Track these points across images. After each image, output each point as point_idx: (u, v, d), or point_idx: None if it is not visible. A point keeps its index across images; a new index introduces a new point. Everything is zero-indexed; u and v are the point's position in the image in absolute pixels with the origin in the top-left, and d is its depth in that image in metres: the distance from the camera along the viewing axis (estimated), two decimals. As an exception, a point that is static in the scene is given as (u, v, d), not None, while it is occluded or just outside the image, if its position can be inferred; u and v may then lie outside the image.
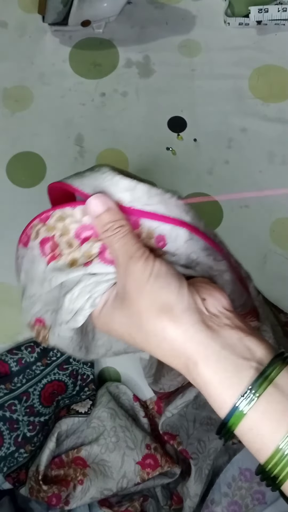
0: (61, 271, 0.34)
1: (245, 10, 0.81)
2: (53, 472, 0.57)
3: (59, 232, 0.34)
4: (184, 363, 0.30)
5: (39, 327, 0.38)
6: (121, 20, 0.82)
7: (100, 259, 0.33)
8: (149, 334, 0.31)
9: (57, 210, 0.35)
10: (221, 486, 0.55)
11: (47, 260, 0.34)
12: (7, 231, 0.71)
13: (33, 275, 0.36)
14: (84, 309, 0.33)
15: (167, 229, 0.34)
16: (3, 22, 0.82)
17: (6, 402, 0.59)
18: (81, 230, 0.34)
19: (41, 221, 0.36)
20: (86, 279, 0.33)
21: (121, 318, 0.32)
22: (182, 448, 0.58)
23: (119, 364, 0.67)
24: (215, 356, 0.30)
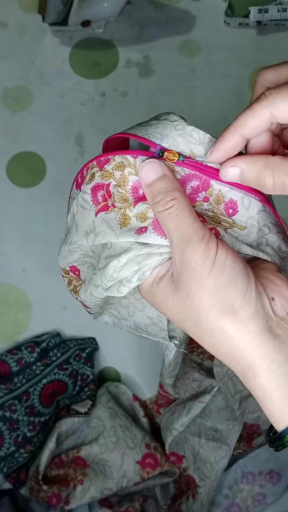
0: (111, 229, 0.30)
1: (245, 10, 0.81)
2: (53, 472, 0.57)
3: (115, 182, 0.30)
4: (242, 369, 0.28)
5: (73, 277, 0.35)
6: (121, 20, 0.82)
7: (154, 228, 0.29)
8: (206, 332, 0.28)
9: (118, 155, 0.30)
10: (221, 488, 0.55)
11: (97, 210, 0.31)
12: (6, 231, 0.71)
13: (79, 222, 0.32)
14: (130, 281, 0.30)
15: (239, 195, 0.30)
16: (3, 22, 0.82)
17: (6, 402, 0.59)
18: (139, 186, 0.30)
19: (98, 164, 0.31)
20: (137, 248, 0.29)
21: (175, 306, 0.28)
22: (189, 475, 0.57)
23: (119, 364, 0.67)
24: (280, 370, 0.27)
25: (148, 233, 0.29)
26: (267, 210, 0.31)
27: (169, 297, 0.28)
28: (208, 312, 0.27)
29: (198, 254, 0.27)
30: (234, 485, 0.56)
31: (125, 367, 0.66)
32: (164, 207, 0.28)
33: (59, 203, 0.73)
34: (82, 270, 0.35)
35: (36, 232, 0.71)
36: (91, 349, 0.65)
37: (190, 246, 0.27)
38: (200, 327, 0.28)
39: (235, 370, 0.28)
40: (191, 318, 0.28)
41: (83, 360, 0.64)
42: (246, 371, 0.28)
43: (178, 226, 0.27)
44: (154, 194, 0.28)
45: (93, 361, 0.65)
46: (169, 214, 0.28)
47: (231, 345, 0.27)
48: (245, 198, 0.30)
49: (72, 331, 0.67)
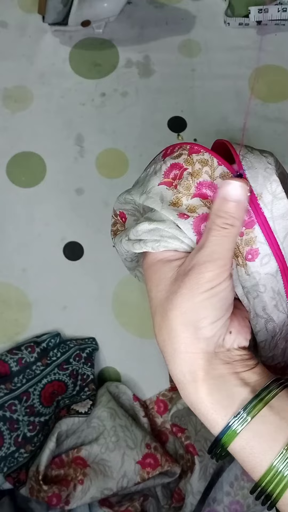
0: (162, 201, 0.33)
1: (245, 10, 0.81)
2: (53, 472, 0.57)
3: (191, 170, 0.34)
4: (182, 373, 0.31)
5: (119, 220, 0.39)
6: (121, 20, 0.82)
7: (193, 223, 0.32)
8: (167, 325, 0.31)
9: (208, 153, 0.34)
10: (223, 485, 0.55)
11: (162, 181, 0.34)
12: (7, 231, 0.71)
13: (145, 182, 0.36)
14: (146, 244, 0.33)
15: (266, 251, 0.33)
16: (3, 22, 0.82)
17: (6, 402, 0.59)
18: (205, 186, 0.33)
19: (190, 150, 0.35)
20: (169, 225, 0.33)
21: (163, 291, 0.32)
22: (190, 443, 0.58)
23: (119, 364, 0.67)
24: (213, 381, 0.31)
25: (187, 222, 0.32)
26: (277, 277, 0.34)
27: (165, 281, 0.32)
28: (179, 316, 0.31)
29: (209, 274, 0.30)
30: (235, 482, 0.56)
31: (125, 367, 0.66)
32: (220, 225, 0.31)
33: (59, 203, 0.73)
34: (129, 220, 0.39)
35: (36, 232, 0.71)
36: (91, 349, 0.65)
37: (211, 265, 0.30)
38: (166, 319, 0.31)
39: (172, 374, 0.32)
40: (164, 309, 0.31)
41: (83, 360, 0.64)
42: (181, 377, 0.31)
43: (216, 244, 0.31)
44: (223, 209, 0.31)
45: (93, 361, 0.65)
46: (218, 231, 0.31)
47: (178, 348, 0.31)
48: (267, 256, 0.33)
49: (72, 331, 0.67)
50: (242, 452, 0.30)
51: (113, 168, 0.75)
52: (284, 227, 0.33)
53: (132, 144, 0.76)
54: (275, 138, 0.77)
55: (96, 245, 0.71)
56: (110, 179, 0.74)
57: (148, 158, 0.82)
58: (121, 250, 0.37)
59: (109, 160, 0.75)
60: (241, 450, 0.30)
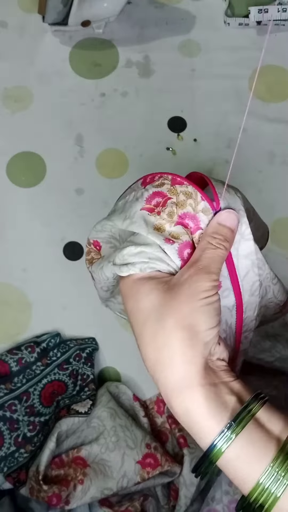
0: (146, 225, 0.35)
1: (245, 10, 0.81)
2: (53, 472, 0.57)
3: (175, 200, 0.36)
4: (179, 377, 0.31)
5: (93, 249, 0.41)
6: (121, 20, 0.82)
7: (178, 249, 0.34)
8: (165, 331, 0.31)
9: (192, 187, 0.36)
10: (222, 484, 0.55)
11: (143, 206, 0.36)
12: (7, 231, 0.71)
13: (125, 208, 0.37)
14: (134, 266, 0.34)
15: (227, 285, 0.36)
16: (3, 22, 0.82)
17: (6, 402, 0.59)
18: (188, 218, 0.35)
19: (172, 180, 0.37)
20: (156, 248, 0.34)
21: (156, 299, 0.32)
22: (181, 434, 0.59)
23: (119, 364, 0.67)
24: (209, 386, 0.31)
25: (173, 247, 0.34)
26: (233, 312, 0.37)
27: (157, 291, 0.33)
28: (181, 319, 0.31)
29: (207, 285, 0.32)
30: None
31: (125, 367, 0.66)
32: (216, 244, 0.34)
33: (59, 203, 0.73)
34: (104, 247, 0.40)
35: (36, 232, 0.71)
36: (91, 349, 0.65)
37: (208, 276, 0.32)
38: (163, 325, 0.31)
39: (165, 382, 0.31)
40: (161, 315, 0.32)
41: (83, 360, 0.64)
42: (178, 383, 0.31)
43: (211, 258, 0.33)
44: (218, 232, 0.34)
45: (93, 361, 0.65)
46: (213, 249, 0.34)
47: (177, 352, 0.31)
48: (227, 291, 0.36)
49: (72, 331, 0.67)
50: (230, 468, 0.30)
51: (113, 168, 0.75)
52: (246, 266, 0.36)
53: (132, 144, 0.76)
54: (275, 138, 0.77)
55: (96, 245, 0.70)
56: (110, 179, 0.74)
57: (148, 158, 0.83)
58: (99, 278, 0.38)
59: (109, 160, 0.75)
60: (229, 462, 0.30)
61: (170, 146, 0.76)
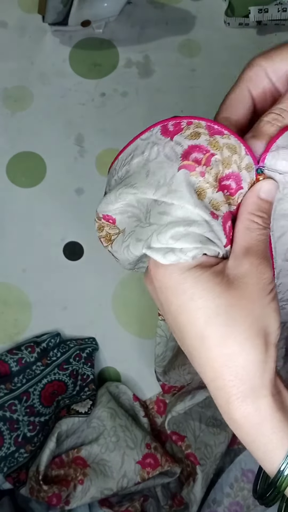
0: (191, 193, 0.27)
1: (245, 10, 0.81)
2: (54, 472, 0.57)
3: (220, 157, 0.28)
4: (251, 386, 0.28)
5: (105, 223, 0.33)
6: (121, 20, 0.82)
7: (223, 224, 0.29)
8: (239, 334, 0.28)
9: (235, 138, 0.29)
10: (223, 486, 0.55)
11: (181, 164, 0.28)
12: (7, 231, 0.71)
13: (154, 170, 0.29)
14: (186, 254, 0.28)
15: None
16: (3, 22, 0.82)
17: (6, 402, 0.59)
18: (233, 178, 0.29)
19: (208, 128, 0.29)
20: (207, 227, 0.28)
21: (219, 298, 0.28)
22: (190, 452, 0.58)
23: (119, 364, 0.67)
24: (278, 396, 0.28)
25: (219, 223, 0.28)
26: None
27: (218, 287, 0.28)
28: (255, 322, 0.28)
29: (269, 275, 0.28)
30: (235, 483, 0.56)
31: (125, 367, 0.66)
32: (264, 223, 0.29)
33: (59, 203, 0.73)
34: (120, 219, 0.32)
35: (36, 232, 0.71)
36: (91, 349, 0.65)
37: (267, 264, 0.29)
38: (235, 329, 0.28)
39: (231, 388, 0.28)
40: (230, 317, 0.28)
41: (83, 360, 0.64)
42: (249, 392, 0.28)
43: (263, 243, 0.29)
44: (262, 209, 0.29)
45: (93, 361, 0.65)
46: (262, 230, 0.29)
47: (254, 358, 0.28)
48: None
49: (72, 331, 0.67)
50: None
51: (113, 168, 0.75)
52: (282, 227, 0.31)
53: (132, 144, 0.76)
54: (275, 138, 0.77)
55: (96, 245, 0.70)
56: (110, 179, 0.74)
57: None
58: (126, 257, 0.32)
59: (109, 160, 0.74)
60: None
61: (170, 146, 0.76)
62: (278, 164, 0.29)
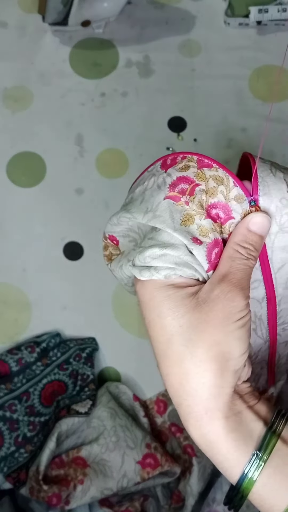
0: (172, 219, 0.30)
1: (245, 10, 0.81)
2: (54, 472, 0.57)
3: (204, 187, 0.31)
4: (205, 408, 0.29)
5: (110, 243, 0.36)
6: (121, 20, 0.82)
7: (207, 251, 0.30)
8: (194, 357, 0.28)
9: (223, 171, 0.31)
10: (223, 485, 0.55)
11: (167, 195, 0.31)
12: (7, 231, 0.71)
13: (146, 198, 0.32)
14: (158, 272, 0.30)
15: (258, 276, 0.33)
16: (3, 22, 0.82)
17: (6, 402, 0.59)
18: (219, 207, 0.31)
19: (198, 162, 0.32)
20: (183, 251, 0.30)
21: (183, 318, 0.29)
22: (188, 444, 0.58)
23: (119, 364, 0.67)
24: (235, 417, 0.29)
25: (201, 248, 0.30)
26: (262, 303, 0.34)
27: (184, 308, 0.29)
28: (212, 347, 0.28)
29: (243, 304, 0.29)
30: None
31: (125, 367, 0.66)
32: (247, 254, 0.30)
33: (59, 203, 0.73)
34: (122, 242, 0.35)
35: (36, 232, 0.71)
36: (91, 349, 0.65)
37: (242, 294, 0.29)
38: (191, 350, 0.29)
39: (187, 411, 0.29)
40: (189, 339, 0.29)
41: (83, 360, 0.64)
42: (202, 414, 0.29)
43: (242, 272, 0.30)
44: (248, 240, 0.30)
45: (93, 361, 0.65)
46: (244, 260, 0.30)
47: (206, 382, 0.28)
48: (257, 282, 0.33)
49: (72, 331, 0.67)
50: (256, 493, 0.28)
51: (113, 168, 0.75)
52: (281, 259, 0.33)
53: (132, 144, 0.76)
54: (275, 138, 0.77)
55: (96, 245, 0.70)
56: (110, 179, 0.74)
57: (148, 158, 0.82)
58: (120, 276, 0.34)
59: (109, 160, 0.75)
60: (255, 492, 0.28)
61: (170, 146, 0.76)
62: (272, 193, 0.31)
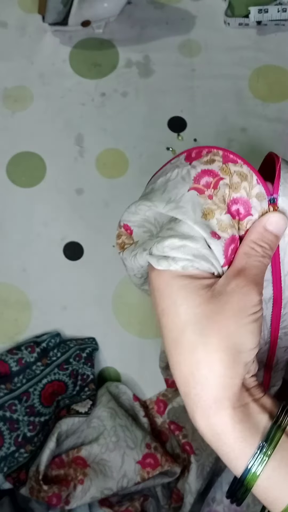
0: (194, 212, 0.30)
1: (245, 10, 0.81)
2: (54, 472, 0.57)
3: (228, 182, 0.31)
4: (214, 398, 0.29)
5: (123, 232, 0.36)
6: (121, 20, 0.82)
7: (224, 246, 0.30)
8: (206, 346, 0.29)
9: (247, 167, 0.32)
10: (223, 485, 0.55)
11: (192, 186, 0.31)
12: (6, 231, 0.71)
13: (169, 188, 0.32)
14: (176, 263, 0.30)
15: (267, 276, 0.33)
16: (3, 22, 0.82)
17: (6, 402, 0.59)
18: (241, 203, 0.31)
19: (224, 157, 0.32)
20: (201, 243, 0.30)
21: (198, 307, 0.30)
22: (186, 441, 0.58)
23: (119, 364, 0.67)
24: (242, 408, 0.30)
25: (219, 243, 0.30)
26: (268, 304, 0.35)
27: (199, 298, 0.30)
28: (224, 338, 0.29)
29: (257, 298, 0.30)
30: None
31: (125, 367, 0.66)
32: (262, 252, 0.31)
33: (59, 203, 0.73)
34: (136, 232, 0.35)
35: (36, 232, 0.71)
36: (91, 349, 0.65)
37: (256, 289, 0.30)
38: (204, 340, 0.29)
39: (195, 399, 0.30)
40: (202, 328, 0.29)
41: (83, 360, 0.64)
42: (210, 404, 0.29)
43: (257, 269, 0.30)
44: (264, 239, 0.31)
45: (93, 361, 0.65)
46: (260, 258, 0.31)
47: (217, 373, 0.29)
48: (266, 282, 0.33)
49: (72, 331, 0.67)
50: (260, 486, 0.29)
51: (113, 168, 0.75)
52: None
53: (132, 144, 0.76)
54: (275, 138, 0.77)
55: (96, 245, 0.71)
56: (110, 179, 0.74)
57: (148, 158, 0.82)
58: (132, 265, 0.34)
59: (109, 160, 0.75)
60: (259, 484, 0.29)
61: (170, 146, 0.76)
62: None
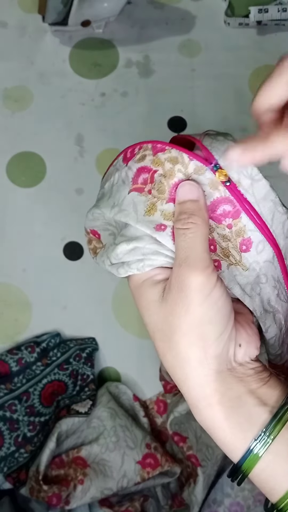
0: (135, 212, 0.30)
1: (245, 10, 0.81)
2: (54, 472, 0.57)
3: (162, 171, 0.31)
4: (193, 398, 0.29)
5: (93, 237, 0.37)
6: (121, 20, 0.82)
7: (172, 233, 0.30)
8: (171, 352, 0.29)
9: (175, 149, 0.31)
10: (223, 487, 0.55)
11: (131, 188, 0.31)
12: (7, 231, 0.71)
13: (113, 193, 0.33)
14: (130, 267, 0.31)
15: (259, 237, 0.31)
16: (3, 22, 0.82)
17: (6, 402, 0.59)
18: None
19: (153, 149, 0.32)
20: (148, 240, 0.30)
21: (155, 315, 0.29)
22: (192, 454, 0.58)
23: (119, 364, 0.67)
24: (229, 403, 0.29)
25: (165, 233, 0.30)
26: (275, 263, 0.32)
27: (154, 304, 0.30)
28: (182, 338, 0.28)
29: (196, 282, 0.28)
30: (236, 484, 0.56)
31: (125, 367, 0.66)
32: (183, 226, 0.29)
33: (59, 203, 0.73)
34: (103, 235, 0.36)
35: (36, 232, 0.71)
36: (91, 349, 0.65)
37: (192, 271, 0.28)
38: (168, 345, 0.29)
39: (186, 398, 0.30)
40: (164, 334, 0.29)
41: (83, 360, 0.64)
42: (196, 402, 0.29)
43: (187, 248, 0.28)
44: (180, 211, 0.29)
45: (93, 361, 0.65)
46: (183, 234, 0.29)
47: (189, 373, 0.29)
48: (261, 243, 0.31)
49: (72, 331, 0.67)
50: (262, 474, 0.28)
51: (113, 168, 0.75)
52: (269, 209, 0.32)
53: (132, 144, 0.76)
54: (275, 138, 0.77)
55: (96, 245, 0.70)
56: (110, 179, 0.74)
57: (148, 158, 0.81)
58: (104, 267, 0.35)
59: (109, 160, 0.75)
60: (261, 472, 0.28)
61: (170, 146, 0.76)
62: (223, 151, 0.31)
